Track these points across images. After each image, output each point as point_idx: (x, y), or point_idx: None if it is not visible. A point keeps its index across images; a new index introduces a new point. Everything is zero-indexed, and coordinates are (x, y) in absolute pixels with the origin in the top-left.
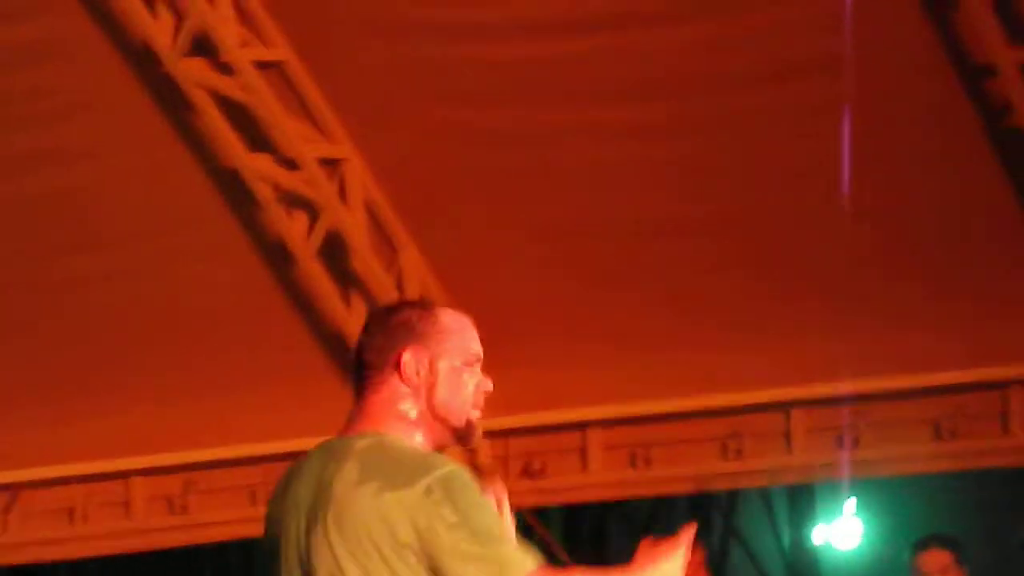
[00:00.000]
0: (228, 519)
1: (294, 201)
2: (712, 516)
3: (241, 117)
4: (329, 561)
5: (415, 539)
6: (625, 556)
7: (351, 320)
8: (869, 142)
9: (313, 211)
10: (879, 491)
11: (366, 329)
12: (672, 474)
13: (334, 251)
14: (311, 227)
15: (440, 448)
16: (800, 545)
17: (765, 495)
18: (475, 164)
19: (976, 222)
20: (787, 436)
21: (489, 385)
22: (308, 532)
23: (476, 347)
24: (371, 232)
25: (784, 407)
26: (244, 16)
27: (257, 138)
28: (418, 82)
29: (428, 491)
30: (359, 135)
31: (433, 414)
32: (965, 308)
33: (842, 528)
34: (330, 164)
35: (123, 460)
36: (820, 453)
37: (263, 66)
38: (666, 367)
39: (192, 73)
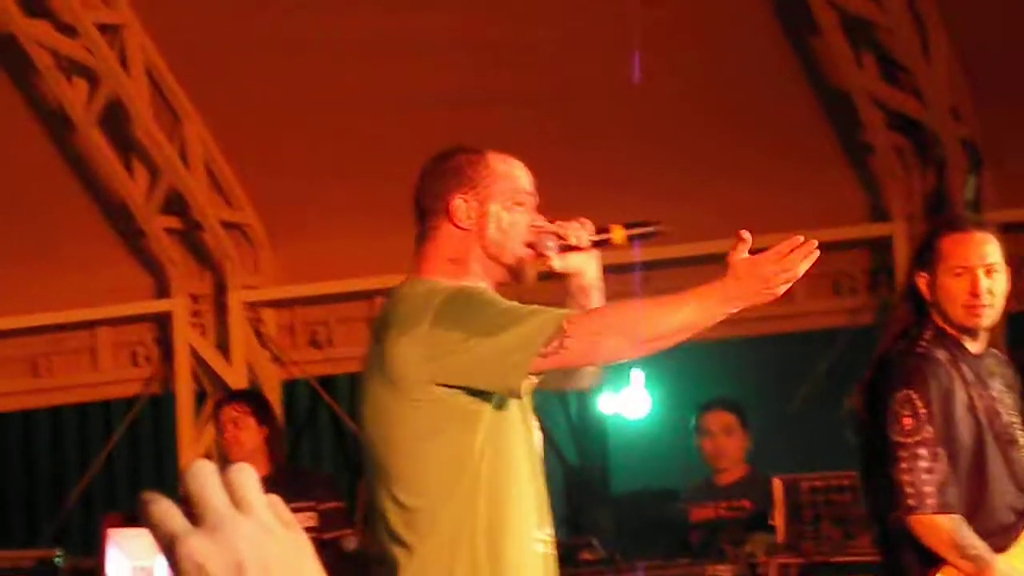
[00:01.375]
0: (9, 390)
1: (74, 68)
2: None
3: None
4: (368, 408)
5: (436, 370)
6: None
7: (133, 189)
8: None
9: (93, 78)
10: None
11: (421, 176)
12: None
13: (115, 119)
14: (91, 94)
15: (496, 283)
16: (587, 414)
17: None
18: (259, 32)
19: (758, 89)
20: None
21: (540, 221)
22: (361, 382)
23: (525, 185)
24: (153, 100)
25: None
26: None
27: (34, 3)
28: None
29: (433, 323)
30: (140, 2)
31: (487, 254)
32: (745, 174)
33: (629, 397)
34: (110, 30)
35: None
36: None
37: None
38: None
39: None
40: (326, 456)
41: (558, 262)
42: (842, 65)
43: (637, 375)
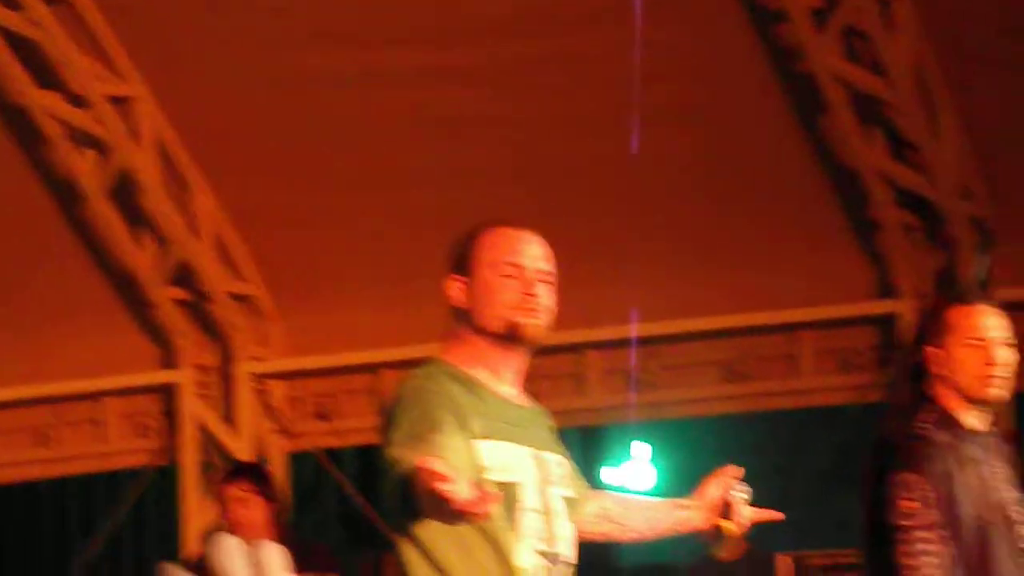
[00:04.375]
0: (16, 460)
1: (84, 139)
2: None
3: (29, 53)
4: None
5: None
6: None
7: (141, 260)
8: (664, 86)
9: (103, 150)
10: (670, 432)
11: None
12: None
13: (125, 190)
14: (101, 165)
15: (498, 359)
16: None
17: (559, 435)
18: (269, 107)
19: (767, 166)
20: (580, 378)
21: (537, 290)
22: None
23: (512, 257)
24: (163, 172)
25: (577, 349)
26: None
27: (46, 75)
28: (212, 21)
29: (384, 415)
30: (151, 74)
31: (477, 330)
32: (754, 253)
33: (634, 469)
34: (121, 102)
35: None
36: (613, 395)
37: (53, 2)
38: None
39: None
40: (331, 527)
41: (723, 523)
42: (851, 142)
43: (643, 449)
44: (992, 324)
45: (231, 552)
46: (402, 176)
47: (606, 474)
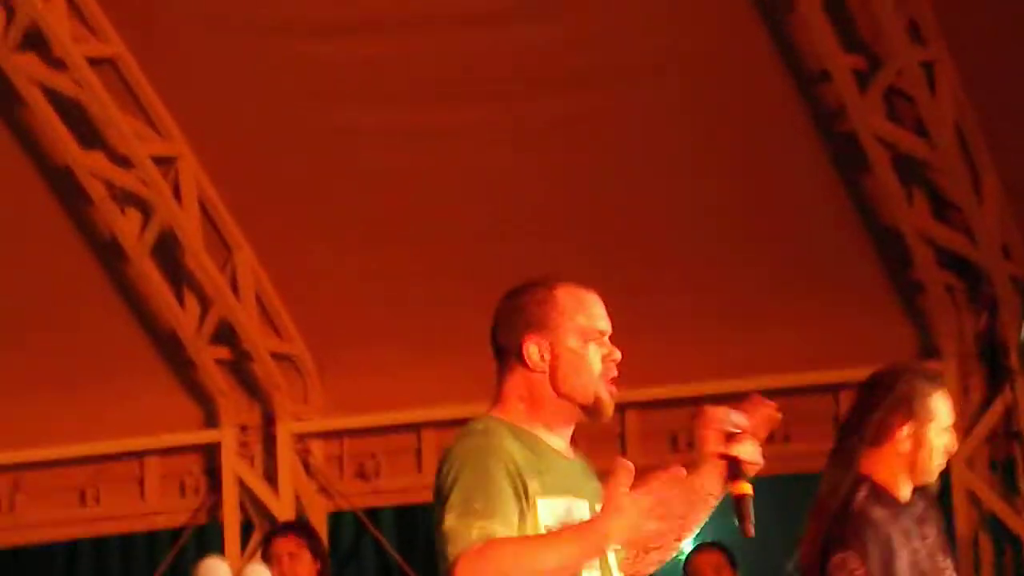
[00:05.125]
0: (56, 519)
1: (127, 199)
2: None
3: (74, 113)
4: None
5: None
6: None
7: (184, 318)
8: (704, 143)
9: (146, 209)
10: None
11: (495, 314)
12: None
13: (168, 249)
14: (144, 225)
15: (562, 421)
16: None
17: None
18: (309, 164)
19: (809, 227)
20: (621, 438)
21: (617, 355)
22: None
23: (599, 323)
24: (205, 231)
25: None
26: (76, 10)
27: (89, 135)
28: (252, 80)
29: (441, 470)
30: (193, 133)
31: (559, 394)
32: (795, 312)
33: None
34: (164, 162)
35: None
36: (653, 455)
37: (96, 62)
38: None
39: (24, 68)
40: None
41: (713, 447)
42: (892, 203)
43: None
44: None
45: None
46: (442, 233)
47: None
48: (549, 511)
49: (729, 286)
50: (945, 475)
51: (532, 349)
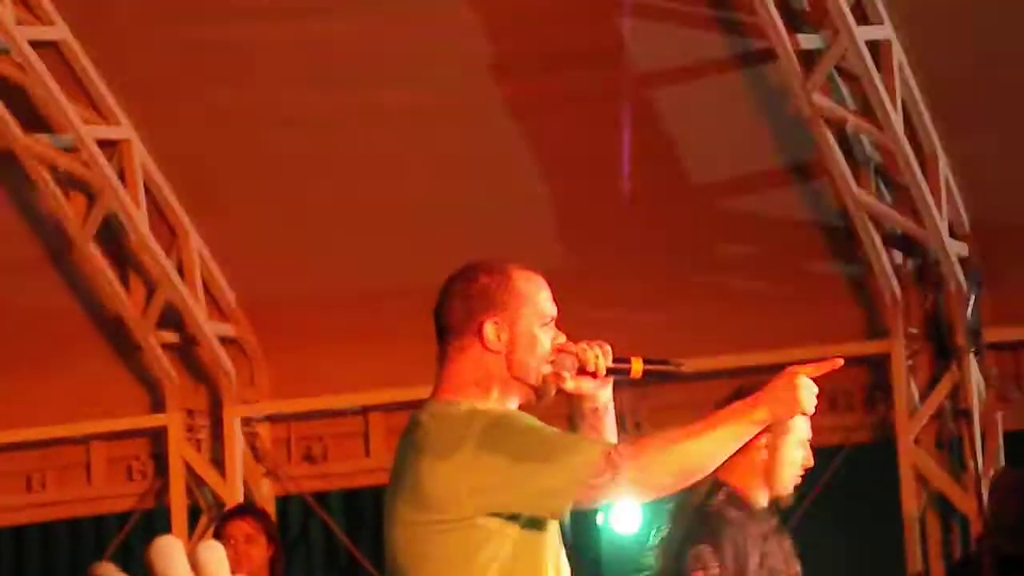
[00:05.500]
0: (3, 505)
1: (72, 183)
2: None
3: (17, 97)
4: (397, 531)
5: (483, 502)
6: None
7: (130, 303)
8: (650, 127)
9: (91, 193)
10: None
11: (445, 296)
12: None
13: (113, 234)
14: (89, 209)
15: (519, 403)
16: (581, 527)
17: None
18: (256, 148)
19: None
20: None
21: (562, 339)
22: (387, 502)
23: (550, 307)
24: (151, 215)
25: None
26: None
27: (33, 119)
28: (197, 64)
29: (477, 449)
30: (139, 117)
31: (513, 375)
32: (743, 291)
33: (623, 512)
34: (109, 146)
35: None
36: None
37: (40, 45)
38: None
39: None
40: (318, 572)
41: (571, 384)
42: (839, 182)
43: None
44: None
45: (171, 552)
46: (392, 216)
47: (601, 514)
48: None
49: (679, 266)
50: (892, 453)
51: (491, 329)
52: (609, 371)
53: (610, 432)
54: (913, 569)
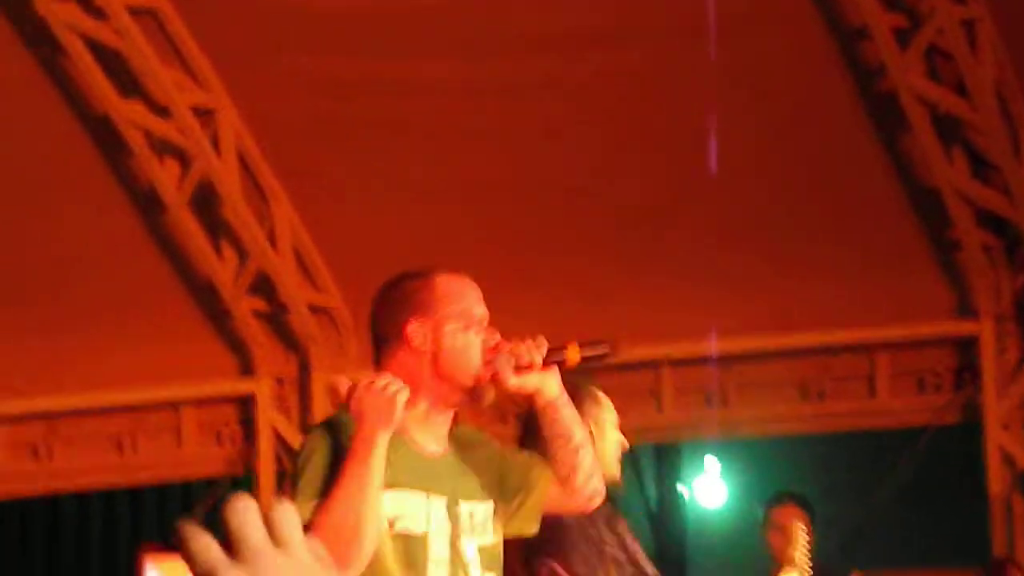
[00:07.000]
0: (92, 466)
1: (166, 149)
2: None
3: (113, 63)
4: None
5: None
6: None
7: (221, 269)
8: (745, 102)
9: (185, 159)
10: (745, 449)
11: (373, 306)
12: None
13: (206, 200)
14: (183, 175)
15: (452, 407)
16: (667, 502)
17: (631, 452)
18: (350, 118)
19: (847, 184)
20: (657, 395)
21: (496, 339)
22: None
23: (476, 309)
24: (243, 183)
25: (653, 365)
26: None
27: (129, 85)
28: (293, 33)
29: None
30: (233, 85)
31: (439, 377)
32: (833, 269)
33: (707, 486)
34: (203, 113)
35: None
36: (688, 412)
37: (136, 12)
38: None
39: (64, 17)
40: None
41: (514, 381)
42: (932, 162)
43: (713, 463)
44: None
45: (245, 511)
46: (482, 188)
47: (684, 489)
48: (394, 504)
49: (767, 243)
50: (979, 436)
51: (415, 330)
52: (545, 362)
53: (572, 423)
54: (998, 550)
